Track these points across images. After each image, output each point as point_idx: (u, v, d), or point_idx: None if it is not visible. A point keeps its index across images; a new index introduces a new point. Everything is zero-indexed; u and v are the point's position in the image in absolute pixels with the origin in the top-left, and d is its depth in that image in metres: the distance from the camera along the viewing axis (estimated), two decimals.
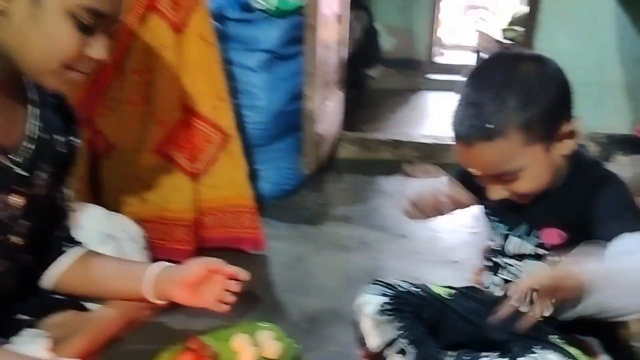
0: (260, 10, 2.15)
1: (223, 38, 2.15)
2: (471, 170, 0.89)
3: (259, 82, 2.16)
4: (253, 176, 2.23)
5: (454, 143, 0.89)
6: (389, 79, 4.71)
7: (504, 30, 3.03)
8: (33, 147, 0.91)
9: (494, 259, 1.03)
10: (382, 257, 1.88)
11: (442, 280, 1.16)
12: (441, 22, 5.32)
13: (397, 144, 2.87)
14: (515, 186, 0.88)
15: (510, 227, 0.98)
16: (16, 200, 0.90)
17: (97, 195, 1.63)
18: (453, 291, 1.08)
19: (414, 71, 4.88)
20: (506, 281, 1.00)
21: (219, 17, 2.14)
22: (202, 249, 1.69)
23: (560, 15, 2.37)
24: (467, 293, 1.08)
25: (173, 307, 1.38)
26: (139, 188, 1.63)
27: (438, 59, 5.16)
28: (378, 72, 4.74)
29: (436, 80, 4.78)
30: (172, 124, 1.61)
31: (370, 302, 1.03)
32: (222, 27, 2.14)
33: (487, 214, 1.04)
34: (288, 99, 2.23)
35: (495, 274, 1.03)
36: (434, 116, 3.84)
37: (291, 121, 2.28)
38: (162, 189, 1.63)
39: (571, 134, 0.87)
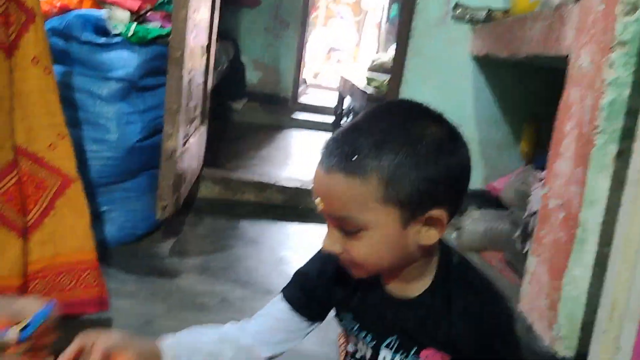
0: (117, 35, 1.91)
1: (70, 61, 1.88)
2: (318, 202, 0.75)
3: (110, 113, 1.91)
4: (97, 219, 1.95)
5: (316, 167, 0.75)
6: (253, 113, 4.62)
7: (369, 79, 3.07)
8: None
9: None
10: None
11: (308, 348, 1.03)
12: (305, 63, 5.39)
13: (262, 186, 2.74)
14: (351, 245, 0.75)
15: (377, 339, 0.85)
16: None
17: None
18: None
19: (279, 107, 4.85)
20: None
21: (67, 37, 1.86)
22: None
23: (423, 74, 2.45)
24: None
25: None
26: None
27: (302, 98, 5.19)
28: (242, 106, 4.62)
29: (299, 118, 4.78)
30: (0, 167, 1.31)
31: None
32: (70, 48, 1.87)
33: (346, 318, 0.89)
34: (143, 134, 1.99)
35: None
36: (298, 156, 3.79)
37: (145, 158, 2.04)
38: None
39: (437, 224, 0.74)
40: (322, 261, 0.91)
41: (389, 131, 0.73)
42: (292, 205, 2.74)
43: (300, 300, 0.93)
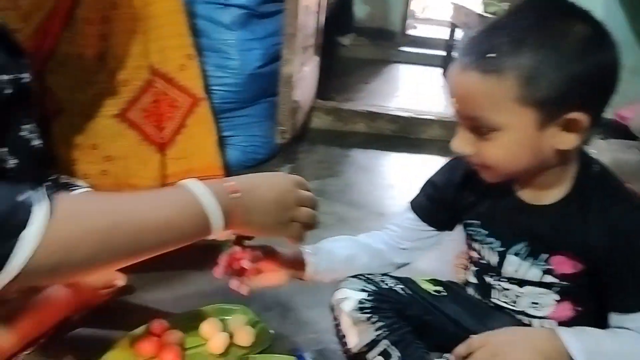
0: None
1: None
2: (452, 101, 0.76)
3: (232, 40, 1.98)
4: (221, 143, 2.07)
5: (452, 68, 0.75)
6: (361, 48, 4.57)
7: (486, 4, 2.93)
8: None
9: (484, 278, 0.91)
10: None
11: (424, 266, 1.06)
12: None
13: (373, 116, 2.75)
14: (484, 147, 0.74)
15: (505, 244, 0.85)
16: None
17: (52, 163, 1.43)
18: (439, 287, 0.97)
19: (387, 42, 4.76)
20: (498, 307, 0.90)
21: None
22: None
23: None
24: (454, 290, 0.98)
25: (134, 289, 1.25)
26: (96, 158, 1.38)
27: (411, 32, 5.04)
28: (351, 41, 4.59)
29: (408, 52, 4.67)
30: (138, 85, 1.41)
31: (349, 297, 0.91)
32: None
33: (472, 225, 0.90)
34: (263, 61, 2.06)
35: (485, 296, 0.92)
36: (407, 90, 3.73)
37: (265, 85, 2.12)
38: (125, 161, 1.41)
39: (576, 128, 0.71)
40: (450, 169, 0.93)
41: (530, 28, 0.71)
42: (402, 136, 2.74)
43: (427, 209, 0.96)
